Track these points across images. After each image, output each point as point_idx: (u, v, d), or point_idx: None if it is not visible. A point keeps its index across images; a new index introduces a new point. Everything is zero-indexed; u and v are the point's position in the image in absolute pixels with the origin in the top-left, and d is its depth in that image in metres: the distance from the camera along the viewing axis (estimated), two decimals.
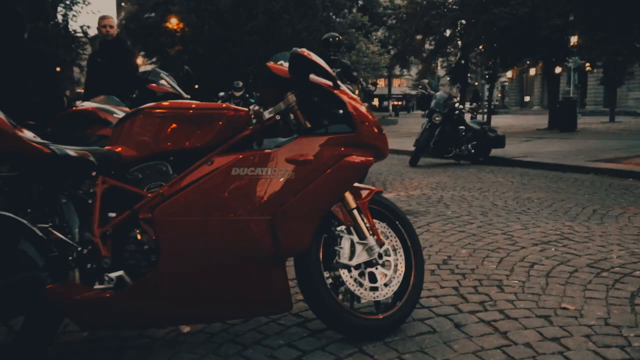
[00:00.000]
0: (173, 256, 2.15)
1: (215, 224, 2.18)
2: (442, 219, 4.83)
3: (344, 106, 2.34)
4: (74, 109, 4.03)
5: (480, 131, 9.79)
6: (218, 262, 2.22)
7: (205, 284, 2.23)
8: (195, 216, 2.17)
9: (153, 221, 2.13)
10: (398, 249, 2.59)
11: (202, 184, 2.17)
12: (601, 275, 3.19)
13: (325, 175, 2.28)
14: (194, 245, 2.17)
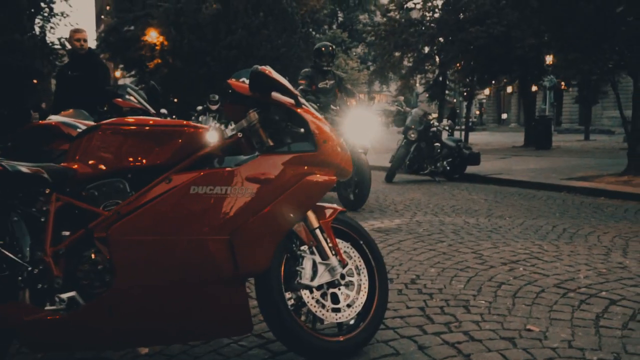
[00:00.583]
0: (128, 276, 2.09)
1: (172, 244, 2.13)
2: (414, 237, 4.81)
3: (306, 125, 2.32)
4: (39, 122, 3.96)
5: (455, 148, 9.85)
6: (175, 283, 2.16)
7: (162, 304, 2.17)
8: (151, 235, 2.11)
9: (108, 240, 2.07)
10: (362, 269, 2.56)
11: (159, 203, 2.12)
12: (567, 296, 3.19)
13: (286, 194, 2.24)
14: (150, 265, 2.12)
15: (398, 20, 24.85)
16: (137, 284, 2.10)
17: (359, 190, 6.23)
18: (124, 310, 2.10)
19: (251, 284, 2.31)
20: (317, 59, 7.24)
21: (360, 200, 6.28)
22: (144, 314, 2.14)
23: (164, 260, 2.12)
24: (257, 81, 2.18)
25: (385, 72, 28.31)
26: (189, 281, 2.17)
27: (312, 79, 7.09)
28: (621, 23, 9.17)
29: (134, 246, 2.09)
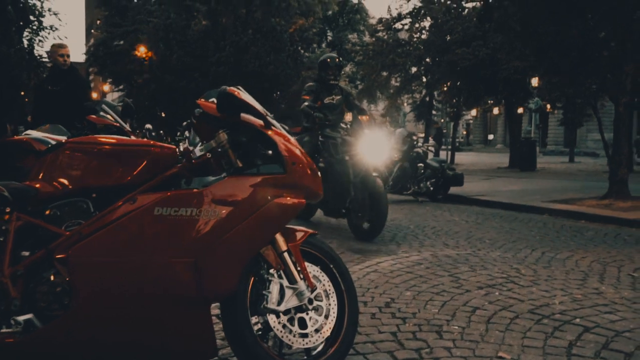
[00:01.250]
0: (88, 299, 2.04)
1: (135, 266, 2.08)
2: (392, 259, 4.78)
3: (275, 146, 2.29)
4: (12, 138, 3.90)
5: (439, 169, 9.86)
6: (137, 306, 2.11)
7: (123, 328, 2.12)
8: (113, 257, 2.07)
9: (68, 261, 2.02)
10: (331, 294, 2.52)
11: (122, 223, 2.08)
12: (541, 322, 3.16)
13: (253, 217, 2.21)
14: (112, 288, 2.07)
15: (386, 41, 25.04)
16: (96, 307, 2.05)
17: (375, 218, 5.58)
18: (81, 333, 2.04)
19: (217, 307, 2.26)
20: (323, 72, 6.64)
21: (376, 229, 5.64)
22: (103, 337, 2.09)
23: (126, 282, 2.08)
24: (225, 102, 2.16)
25: (373, 91, 28.47)
26: (151, 304, 2.13)
27: (317, 94, 6.57)
28: (603, 47, 9.29)
29: (94, 268, 2.05)
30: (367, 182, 5.65)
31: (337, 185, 5.83)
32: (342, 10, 41.83)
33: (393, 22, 25.75)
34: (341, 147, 5.90)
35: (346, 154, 5.84)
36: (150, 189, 2.16)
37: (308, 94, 6.54)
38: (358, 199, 5.73)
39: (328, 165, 6.01)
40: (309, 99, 6.43)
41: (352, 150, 5.80)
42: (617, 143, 8.87)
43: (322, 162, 6.13)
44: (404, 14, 25.30)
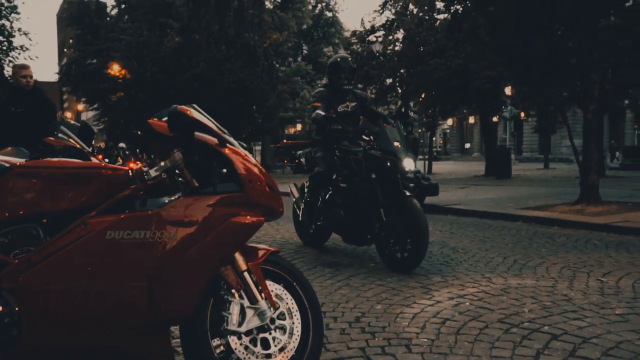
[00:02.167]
0: (39, 329, 1.98)
1: (88, 292, 2.03)
2: (364, 272, 4.76)
3: (230, 165, 2.25)
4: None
5: (413, 179, 9.86)
6: (92, 334, 2.06)
7: (78, 358, 2.06)
8: (64, 284, 2.01)
9: (16, 291, 1.96)
10: (294, 312, 2.48)
11: (73, 249, 2.03)
12: (510, 332, 3.15)
13: (210, 237, 2.17)
14: (64, 317, 2.01)
15: (360, 53, 25.18)
16: (48, 337, 1.99)
17: (413, 245, 4.64)
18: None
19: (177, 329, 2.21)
20: (334, 75, 5.70)
21: (415, 259, 4.68)
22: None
23: (79, 310, 2.02)
24: (176, 121, 2.12)
25: None
26: (106, 332, 2.07)
27: (329, 101, 5.63)
28: (571, 56, 9.43)
29: (44, 296, 1.99)
30: (401, 203, 4.77)
31: (364, 208, 5.04)
32: (317, 24, 42.05)
33: (367, 34, 25.93)
34: (366, 164, 4.99)
35: (372, 171, 4.94)
36: (103, 212, 2.11)
37: (319, 100, 5.60)
38: (391, 224, 4.81)
39: (351, 186, 5.20)
40: (320, 106, 5.47)
41: (380, 166, 4.89)
42: (586, 149, 8.98)
43: (342, 182, 5.34)
44: (377, 27, 25.49)
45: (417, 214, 4.64)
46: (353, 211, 5.18)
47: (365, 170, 4.98)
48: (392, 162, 4.83)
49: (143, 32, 27.43)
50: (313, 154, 5.73)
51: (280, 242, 6.48)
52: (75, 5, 35.84)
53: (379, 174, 4.89)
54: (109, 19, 34.41)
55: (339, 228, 5.49)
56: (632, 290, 4.02)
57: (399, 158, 4.84)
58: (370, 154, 4.97)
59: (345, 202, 5.27)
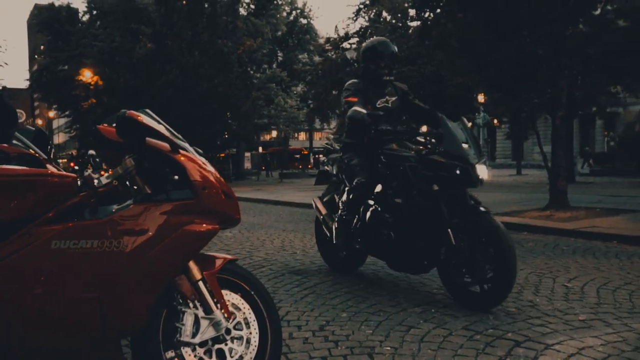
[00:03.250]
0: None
1: (32, 305, 1.95)
2: (331, 279, 4.71)
3: (183, 171, 2.19)
4: None
5: None
6: (38, 349, 1.97)
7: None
8: (6, 297, 1.92)
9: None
10: (252, 322, 2.42)
11: (16, 260, 1.94)
12: (474, 339, 3.13)
13: (162, 246, 2.11)
14: (6, 331, 1.92)
15: (334, 60, 25.29)
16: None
17: (497, 274, 3.62)
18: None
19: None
20: (372, 63, 4.55)
21: (500, 291, 3.63)
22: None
23: (23, 324, 1.94)
24: (125, 127, 2.05)
25: (322, 110, 28.65)
26: (54, 346, 2.00)
27: (365, 94, 4.54)
28: (540, 63, 9.54)
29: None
30: (475, 222, 3.76)
31: (425, 229, 3.97)
32: (292, 31, 42.18)
33: (341, 41, 26.08)
34: (425, 172, 3.96)
35: (434, 181, 3.90)
36: (49, 221, 2.04)
37: (354, 94, 4.50)
38: (462, 249, 3.78)
39: (406, 201, 4.10)
40: (357, 101, 4.41)
41: (444, 175, 3.84)
42: (555, 156, 9.08)
43: (392, 195, 4.25)
44: (351, 34, 25.65)
45: (501, 235, 3.61)
46: (408, 232, 4.07)
47: (425, 180, 3.95)
48: (462, 170, 3.73)
49: (115, 38, 27.20)
50: (347, 160, 4.60)
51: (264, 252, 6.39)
52: (45, 11, 35.34)
53: (443, 185, 3.86)
54: (80, 25, 34.00)
55: (385, 252, 4.35)
56: (596, 296, 4.04)
57: (470, 164, 3.74)
58: (432, 160, 3.90)
59: (397, 221, 4.13)
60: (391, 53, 4.53)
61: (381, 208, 4.28)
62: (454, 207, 3.85)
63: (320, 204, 5.11)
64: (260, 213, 11.38)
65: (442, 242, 3.87)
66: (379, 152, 4.36)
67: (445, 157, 3.84)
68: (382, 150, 4.33)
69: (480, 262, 3.70)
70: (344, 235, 4.59)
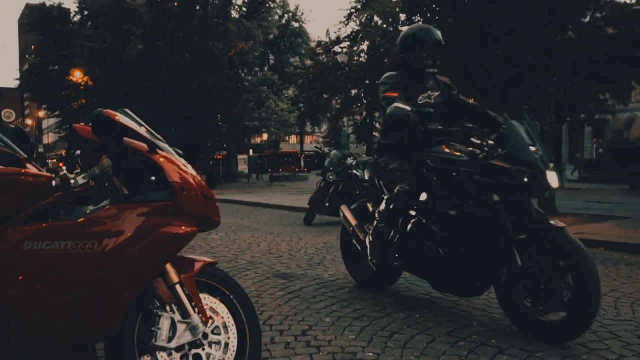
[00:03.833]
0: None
1: (4, 306, 1.90)
2: (317, 283, 4.67)
3: (161, 172, 2.15)
4: None
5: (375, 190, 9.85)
6: (8, 350, 1.92)
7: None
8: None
9: None
10: (230, 326, 2.38)
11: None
12: (457, 345, 3.10)
13: (138, 248, 2.06)
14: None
15: (325, 64, 25.30)
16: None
17: (576, 301, 3.04)
18: None
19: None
20: (412, 53, 3.95)
21: (579, 322, 3.07)
22: None
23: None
24: (100, 126, 2.01)
25: (313, 113, 28.64)
26: (25, 348, 1.94)
27: (405, 89, 3.93)
28: (529, 69, 9.57)
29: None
30: (551, 239, 3.15)
31: (483, 245, 3.38)
32: (284, 34, 42.14)
33: (332, 45, 26.08)
34: (483, 179, 3.35)
35: (494, 190, 3.31)
36: (22, 221, 1.99)
37: (393, 88, 3.89)
38: (531, 270, 3.19)
39: (460, 213, 3.51)
40: (397, 96, 3.81)
41: (508, 183, 3.23)
42: None
43: (442, 206, 3.62)
44: (342, 37, 25.67)
45: (582, 256, 3.04)
46: (461, 249, 3.49)
47: (483, 189, 3.35)
48: (531, 177, 3.17)
49: (106, 38, 27.04)
50: (384, 164, 4.06)
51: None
52: (36, 10, 35.09)
53: (506, 194, 3.29)
54: (71, 25, 33.81)
55: (429, 271, 3.78)
56: None
57: (540, 170, 3.18)
58: (493, 166, 3.30)
59: (448, 236, 3.57)
60: (435, 41, 3.93)
61: (426, 220, 3.70)
62: (518, 221, 3.26)
63: (349, 213, 4.61)
64: (248, 216, 11.32)
65: (504, 261, 3.28)
66: (424, 155, 3.73)
67: (510, 162, 3.22)
68: (429, 152, 3.70)
69: (555, 288, 3.11)
70: (379, 250, 4.04)
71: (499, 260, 3.32)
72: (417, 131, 3.66)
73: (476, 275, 3.48)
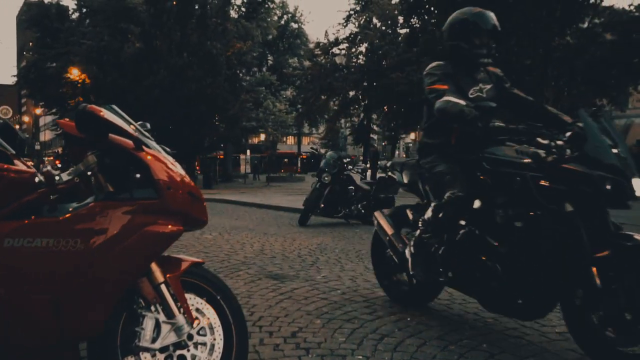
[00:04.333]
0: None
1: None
2: (309, 285, 4.63)
3: (147, 170, 2.11)
4: None
5: (369, 191, 9.84)
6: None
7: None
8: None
9: None
10: (216, 327, 2.34)
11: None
12: (448, 349, 3.07)
13: (123, 246, 2.02)
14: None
15: (323, 65, 25.28)
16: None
17: None
18: None
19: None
20: (463, 40, 3.43)
21: None
22: None
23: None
24: (84, 122, 1.97)
25: (311, 115, 28.62)
26: (6, 348, 1.91)
27: (455, 79, 3.44)
28: (527, 73, 9.56)
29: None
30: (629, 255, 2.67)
31: (551, 263, 2.86)
32: (282, 35, 42.12)
33: (330, 46, 26.06)
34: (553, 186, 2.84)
35: (567, 199, 2.81)
36: (3, 218, 1.95)
37: (442, 79, 3.40)
38: (614, 294, 2.69)
39: (530, 224, 2.97)
40: (448, 89, 3.32)
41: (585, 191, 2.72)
42: None
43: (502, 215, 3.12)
44: (341, 39, 25.66)
45: None
46: (525, 266, 2.96)
47: (554, 197, 2.84)
48: (614, 184, 2.66)
49: (104, 37, 26.98)
50: (430, 167, 3.58)
51: None
52: (35, 7, 35.00)
53: (581, 204, 2.78)
54: (69, 23, 33.73)
55: (483, 289, 3.25)
56: None
57: (625, 177, 2.68)
58: (568, 171, 2.79)
59: (509, 251, 3.06)
60: (492, 27, 3.41)
61: (480, 231, 3.24)
62: (595, 234, 2.77)
63: (384, 221, 4.10)
64: (243, 216, 11.28)
65: (578, 281, 2.79)
66: (479, 157, 3.25)
67: (588, 167, 2.72)
68: (485, 154, 3.22)
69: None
70: (423, 264, 3.54)
71: (572, 281, 2.81)
72: (474, 129, 3.14)
73: (541, 297, 2.96)
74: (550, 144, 2.87)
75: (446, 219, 3.33)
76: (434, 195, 3.56)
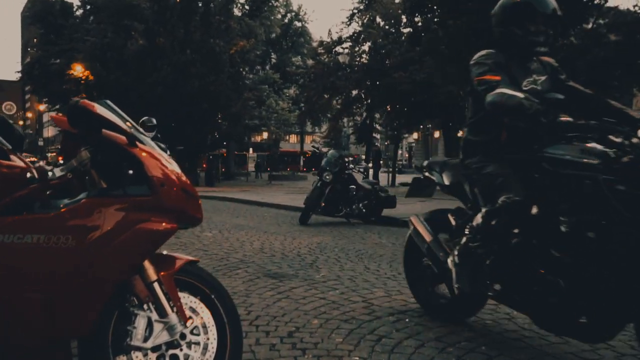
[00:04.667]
0: None
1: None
2: (307, 284, 4.60)
3: (140, 166, 2.08)
4: None
5: (371, 191, 9.81)
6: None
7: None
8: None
9: None
10: (210, 327, 2.31)
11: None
12: (446, 351, 3.03)
13: (115, 244, 1.99)
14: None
15: (326, 64, 25.21)
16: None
17: None
18: None
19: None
20: (516, 25, 3.04)
21: None
22: None
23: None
24: (76, 116, 1.94)
25: (313, 113, 28.58)
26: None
27: (507, 69, 3.02)
28: None
29: None
30: None
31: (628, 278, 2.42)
32: (286, 34, 42.08)
33: (334, 45, 26.01)
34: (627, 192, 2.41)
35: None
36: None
37: (493, 70, 2.98)
38: None
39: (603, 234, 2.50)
40: (501, 80, 2.91)
41: None
42: None
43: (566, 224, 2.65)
44: (344, 38, 25.60)
45: None
46: (595, 282, 2.54)
47: (632, 203, 2.40)
48: None
49: (107, 33, 26.96)
50: (478, 168, 3.17)
51: None
52: (39, 3, 35.02)
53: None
54: (74, 20, 33.75)
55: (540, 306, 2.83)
56: None
57: None
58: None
59: (575, 264, 2.63)
60: (551, 12, 2.98)
61: (539, 241, 2.84)
62: None
63: (422, 227, 3.73)
64: (244, 214, 11.25)
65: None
66: (537, 157, 2.83)
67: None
68: (545, 153, 2.79)
69: None
70: (470, 275, 3.14)
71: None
72: (536, 125, 2.77)
73: (611, 316, 2.54)
74: (624, 142, 2.45)
75: (500, 226, 2.92)
76: (484, 200, 3.12)
